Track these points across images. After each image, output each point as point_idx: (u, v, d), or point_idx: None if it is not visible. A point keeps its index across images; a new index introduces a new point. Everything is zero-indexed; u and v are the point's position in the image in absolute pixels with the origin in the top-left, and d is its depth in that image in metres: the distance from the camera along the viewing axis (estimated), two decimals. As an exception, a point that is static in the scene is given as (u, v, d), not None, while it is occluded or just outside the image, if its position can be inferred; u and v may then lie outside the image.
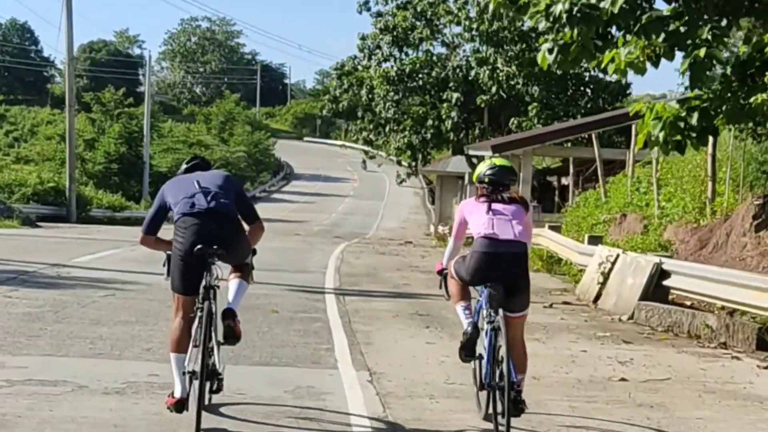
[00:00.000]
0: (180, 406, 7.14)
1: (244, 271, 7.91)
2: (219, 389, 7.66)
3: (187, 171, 8.06)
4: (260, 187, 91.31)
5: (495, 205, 7.76)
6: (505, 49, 47.89)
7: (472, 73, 50.28)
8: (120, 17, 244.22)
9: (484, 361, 7.71)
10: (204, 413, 7.12)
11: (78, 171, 66.61)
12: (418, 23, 50.68)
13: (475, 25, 47.27)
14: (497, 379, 7.45)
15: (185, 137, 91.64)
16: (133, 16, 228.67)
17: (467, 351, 7.79)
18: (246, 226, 7.92)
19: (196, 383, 7.06)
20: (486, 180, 7.87)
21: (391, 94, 50.02)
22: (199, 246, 7.18)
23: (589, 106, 48.76)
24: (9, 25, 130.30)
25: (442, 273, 8.25)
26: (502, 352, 7.37)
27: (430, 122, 49.46)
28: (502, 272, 7.63)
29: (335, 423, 7.70)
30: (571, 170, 34.53)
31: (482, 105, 47.98)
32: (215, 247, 7.24)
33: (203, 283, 7.27)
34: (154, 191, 69.44)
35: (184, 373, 7.17)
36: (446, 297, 8.23)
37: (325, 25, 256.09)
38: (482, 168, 8.03)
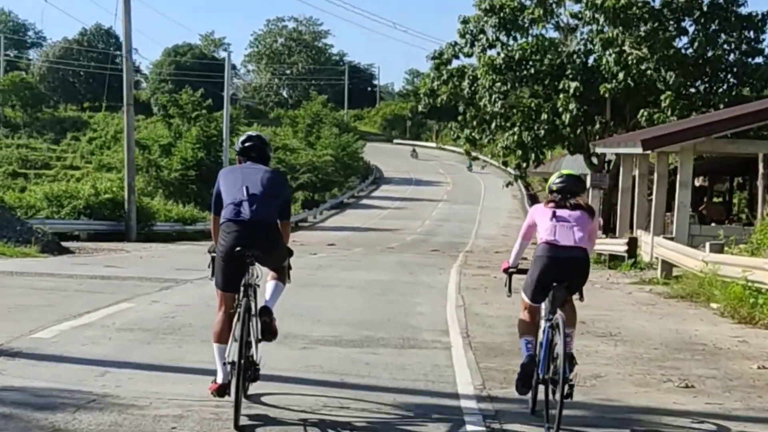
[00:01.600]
0: (221, 391, 7.76)
1: (281, 273, 8.38)
2: (255, 378, 8.10)
3: (242, 152, 8.53)
4: (348, 192, 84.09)
5: (560, 212, 8.26)
6: (633, 30, 39.47)
7: (591, 59, 41.99)
8: (206, 20, 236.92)
9: (540, 356, 7.99)
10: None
11: (152, 179, 60.42)
12: (528, 2, 42.43)
13: (599, 1, 38.91)
14: (551, 374, 7.75)
15: (270, 141, 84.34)
16: (218, 18, 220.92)
17: (524, 382, 8.15)
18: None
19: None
20: (555, 188, 8.45)
21: (498, 84, 41.81)
22: (238, 248, 7.70)
23: (733, 94, 40.03)
24: (94, 31, 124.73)
25: (508, 271, 8.79)
26: (558, 349, 7.72)
27: (544, 116, 41.14)
28: (562, 275, 8.06)
29: None
30: (761, 169, 25.69)
31: (606, 95, 39.50)
32: (254, 250, 7.74)
33: (243, 281, 7.78)
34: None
35: (225, 363, 7.76)
36: (508, 294, 8.80)
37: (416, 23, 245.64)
38: (552, 178, 8.64)
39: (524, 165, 43.73)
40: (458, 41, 44.05)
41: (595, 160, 43.09)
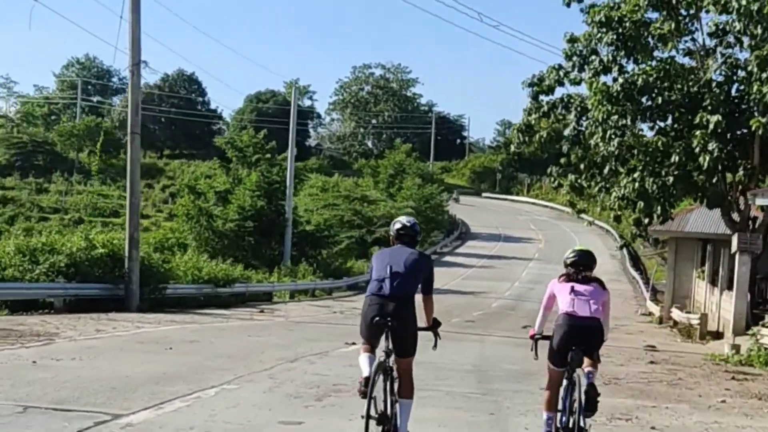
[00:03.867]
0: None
1: (408, 386, 9.00)
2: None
3: (396, 236, 9.39)
4: (430, 248, 73.79)
5: (577, 286, 9.34)
6: (797, 46, 28.56)
7: (734, 88, 31.13)
8: (291, 67, 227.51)
9: (561, 406, 9.17)
10: None
11: (204, 230, 50.94)
12: (656, 15, 31.74)
13: (755, 7, 28.13)
14: (570, 425, 8.92)
15: (348, 192, 74.90)
16: (304, 65, 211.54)
17: None
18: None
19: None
20: (569, 263, 9.57)
21: (614, 118, 31.03)
22: (377, 318, 8.71)
23: None
24: (176, 77, 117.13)
25: (534, 338, 9.68)
26: (576, 405, 8.88)
27: (674, 158, 30.32)
28: (580, 341, 9.12)
29: None
30: None
31: (758, 131, 28.56)
32: (389, 319, 8.68)
33: (382, 346, 8.76)
34: (298, 254, 52.35)
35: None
36: (535, 357, 9.63)
37: (507, 78, 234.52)
38: (567, 253, 9.81)
39: (646, 221, 32.81)
40: (563, 64, 33.39)
41: (736, 216, 32.21)
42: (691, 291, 38.56)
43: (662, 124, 31.94)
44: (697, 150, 29.46)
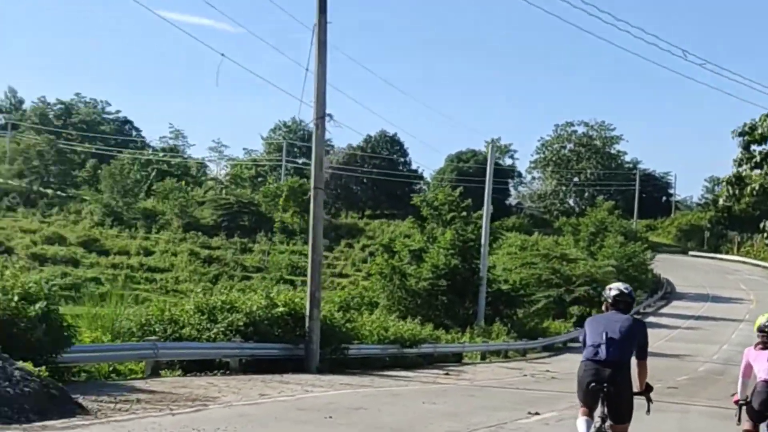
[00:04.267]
0: None
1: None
2: None
3: (612, 303, 9.61)
4: (634, 308, 70.30)
5: None
6: None
7: None
8: (493, 126, 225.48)
9: None
10: None
11: (396, 289, 49.99)
12: None
13: None
14: None
15: (547, 250, 72.66)
16: (506, 124, 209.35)
17: None
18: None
19: None
20: (765, 329, 10.29)
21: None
22: (592, 383, 9.14)
23: None
24: (378, 138, 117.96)
25: (738, 403, 10.46)
26: None
27: None
28: None
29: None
30: None
31: None
32: (605, 385, 9.08)
33: (599, 413, 9.20)
34: (492, 314, 50.51)
35: None
36: (737, 422, 10.46)
37: (714, 126, 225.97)
38: (761, 320, 10.43)
39: None
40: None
41: None
42: None
43: None
44: None
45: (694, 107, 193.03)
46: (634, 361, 9.51)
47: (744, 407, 10.38)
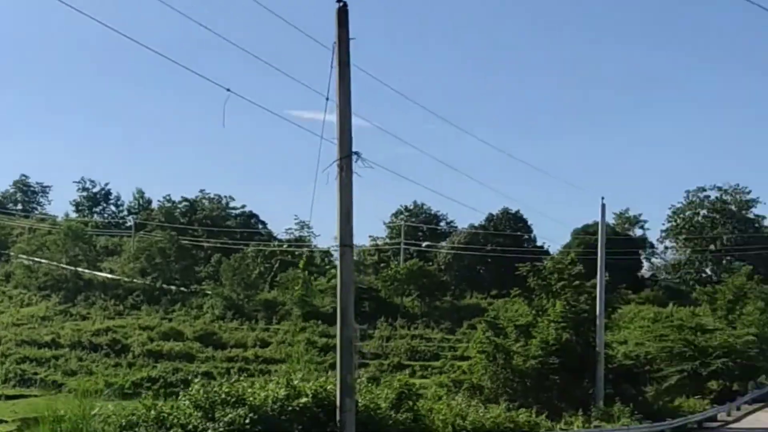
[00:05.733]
0: None
1: None
2: None
3: None
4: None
5: None
6: None
7: None
8: (621, 198, 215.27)
9: None
10: None
11: (501, 370, 43.80)
12: None
13: None
14: None
15: (681, 321, 65.18)
16: (634, 194, 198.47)
17: None
18: None
19: None
20: None
21: None
22: None
23: None
24: (500, 215, 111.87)
25: None
26: None
27: None
28: None
29: None
30: None
31: None
32: None
33: None
34: (613, 394, 43.55)
35: None
36: None
37: None
38: None
39: None
40: None
41: None
42: None
43: None
44: None
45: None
46: None
47: None
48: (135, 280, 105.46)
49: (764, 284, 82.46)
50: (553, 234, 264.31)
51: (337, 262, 22.21)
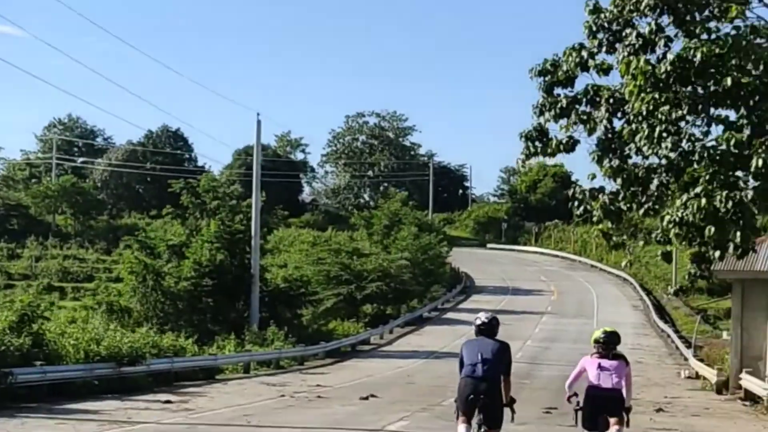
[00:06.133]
0: None
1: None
2: None
3: (478, 331, 11.36)
4: (430, 304, 63.26)
5: (603, 362, 11.93)
6: None
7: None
8: (283, 118, 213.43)
9: None
10: None
11: (152, 290, 40.98)
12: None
13: None
14: None
15: (339, 246, 64.77)
16: (296, 117, 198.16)
17: None
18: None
19: None
20: (601, 341, 12.07)
21: (664, 109, 20.65)
22: (471, 396, 10.75)
23: None
24: (160, 133, 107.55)
25: (569, 400, 12.21)
26: None
27: (754, 163, 19.90)
28: (604, 409, 11.75)
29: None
30: None
31: None
32: (482, 396, 10.72)
33: (475, 420, 10.80)
34: (269, 317, 41.41)
35: None
36: (575, 424, 12.31)
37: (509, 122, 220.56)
38: (597, 333, 12.20)
39: (715, 254, 22.34)
40: (586, 43, 22.97)
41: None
42: (765, 350, 27.88)
43: (733, 117, 21.67)
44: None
45: (488, 99, 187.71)
46: None
47: (578, 411, 11.98)
48: None
49: (418, 210, 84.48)
50: (217, 155, 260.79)
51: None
